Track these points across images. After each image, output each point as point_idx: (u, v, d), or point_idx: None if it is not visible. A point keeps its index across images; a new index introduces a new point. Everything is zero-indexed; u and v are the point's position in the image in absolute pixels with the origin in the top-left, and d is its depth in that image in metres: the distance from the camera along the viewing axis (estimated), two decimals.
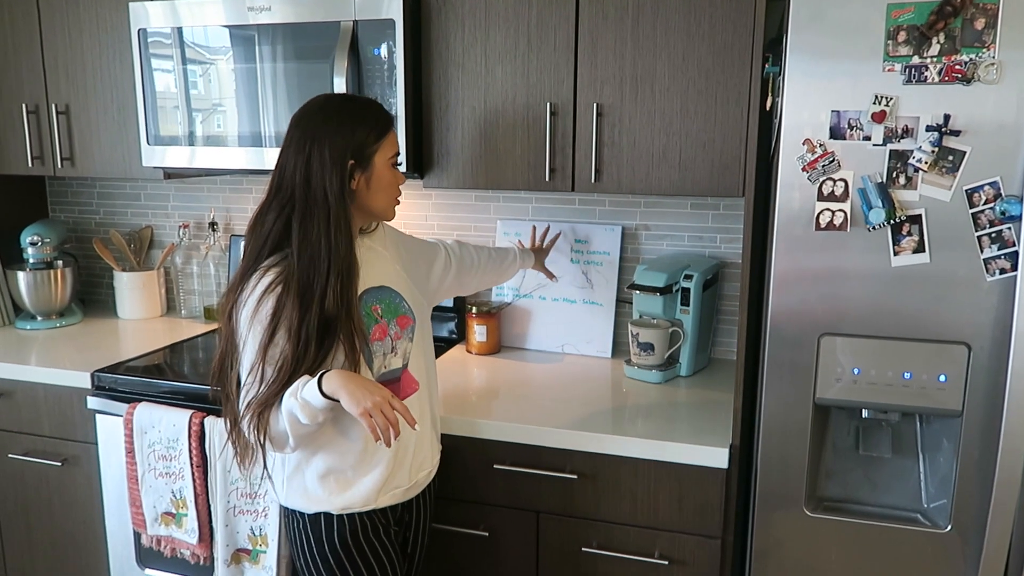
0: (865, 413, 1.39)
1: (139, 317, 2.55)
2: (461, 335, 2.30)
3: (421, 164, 1.96)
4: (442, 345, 2.27)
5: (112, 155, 2.23)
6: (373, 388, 1.29)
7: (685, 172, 1.77)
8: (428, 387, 1.55)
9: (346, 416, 1.37)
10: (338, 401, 1.27)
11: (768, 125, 1.60)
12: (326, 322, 1.31)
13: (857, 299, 1.32)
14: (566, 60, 1.81)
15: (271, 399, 1.30)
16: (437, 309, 2.27)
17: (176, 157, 2.09)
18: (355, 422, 1.38)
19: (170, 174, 2.23)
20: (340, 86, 1.84)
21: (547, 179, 1.86)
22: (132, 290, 2.55)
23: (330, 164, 1.33)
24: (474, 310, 2.18)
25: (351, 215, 1.37)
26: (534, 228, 2.14)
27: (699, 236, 2.12)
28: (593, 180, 1.83)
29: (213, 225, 2.50)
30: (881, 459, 1.43)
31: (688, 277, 1.95)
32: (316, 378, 1.28)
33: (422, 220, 2.34)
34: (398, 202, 1.48)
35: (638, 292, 1.94)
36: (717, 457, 1.56)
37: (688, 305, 1.96)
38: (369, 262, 1.47)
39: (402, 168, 1.46)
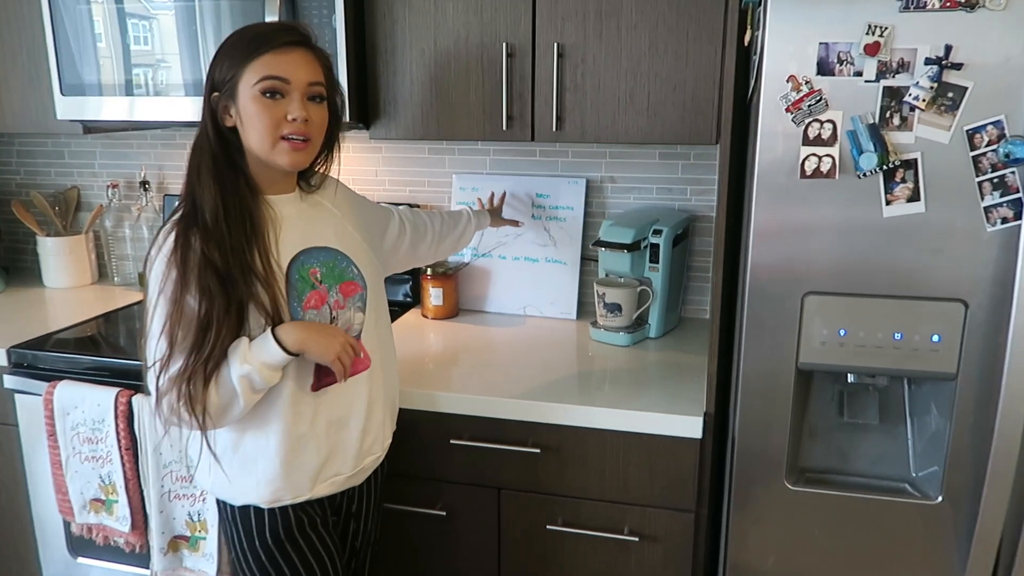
0: (851, 378, 1.28)
1: (67, 286, 2.35)
2: (416, 299, 2.15)
3: (366, 114, 1.79)
4: (396, 310, 2.12)
5: (24, 107, 2.01)
6: (333, 331, 1.25)
7: (654, 118, 1.63)
8: (382, 364, 1.40)
9: (277, 393, 1.25)
10: (299, 356, 1.21)
11: (746, 64, 1.46)
12: (232, 282, 1.18)
13: (845, 254, 1.20)
14: None
15: (198, 368, 1.16)
16: None
17: (97, 109, 1.87)
18: (283, 402, 1.25)
19: (91, 128, 2.02)
20: None
21: (504, 127, 1.70)
22: (58, 256, 2.35)
23: (205, 101, 1.22)
24: (429, 272, 2.02)
25: (236, 158, 1.23)
26: (480, 200, 2.00)
27: (668, 188, 1.99)
28: (554, 128, 1.67)
29: (145, 184, 2.30)
30: (867, 426, 1.32)
31: (657, 232, 1.81)
32: (270, 335, 1.18)
33: (371, 175, 2.17)
34: (289, 142, 1.21)
35: (604, 249, 1.81)
36: (690, 426, 1.45)
37: (657, 262, 1.83)
38: (312, 219, 1.32)
39: (284, 100, 1.20)
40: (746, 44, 1.34)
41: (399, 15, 1.71)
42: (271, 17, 1.65)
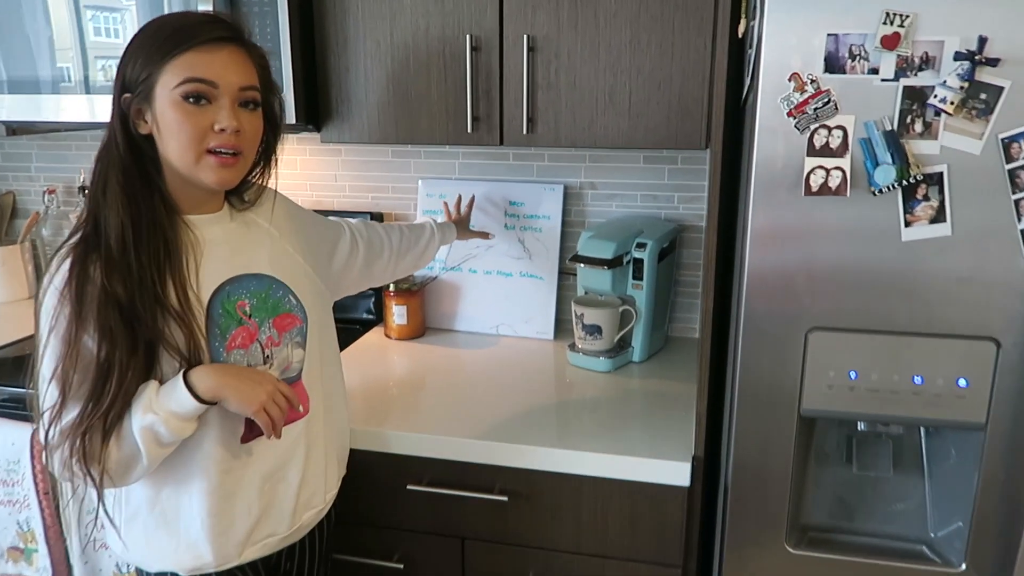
0: (862, 424, 1.11)
1: (0, 300, 2.16)
2: (379, 316, 1.97)
3: (316, 114, 1.60)
4: (357, 328, 1.94)
5: None
6: (259, 377, 1.06)
7: (636, 119, 1.45)
8: (327, 406, 1.22)
9: (197, 444, 1.07)
10: (215, 404, 1.03)
11: (740, 59, 1.28)
12: (139, 319, 1.00)
13: (856, 283, 1.02)
14: None
15: (95, 421, 0.98)
16: None
17: (22, 108, 1.68)
18: (207, 454, 1.07)
19: (17, 129, 1.83)
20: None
21: (469, 130, 1.51)
22: None
23: (114, 103, 1.03)
24: (392, 288, 1.84)
25: (150, 171, 1.04)
26: (446, 205, 1.79)
27: (653, 195, 1.81)
28: (525, 131, 1.49)
29: (84, 190, 2.10)
30: (879, 478, 1.15)
31: (641, 246, 1.63)
32: (180, 380, 1.00)
33: (330, 180, 1.98)
34: (216, 156, 1.02)
35: (583, 265, 1.62)
36: (677, 473, 1.27)
37: (641, 279, 1.65)
38: (242, 242, 1.14)
39: (211, 106, 1.02)
40: (740, 36, 1.16)
41: (351, 3, 1.52)
42: (205, 6, 1.46)
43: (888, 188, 0.97)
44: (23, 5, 1.60)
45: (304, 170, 1.99)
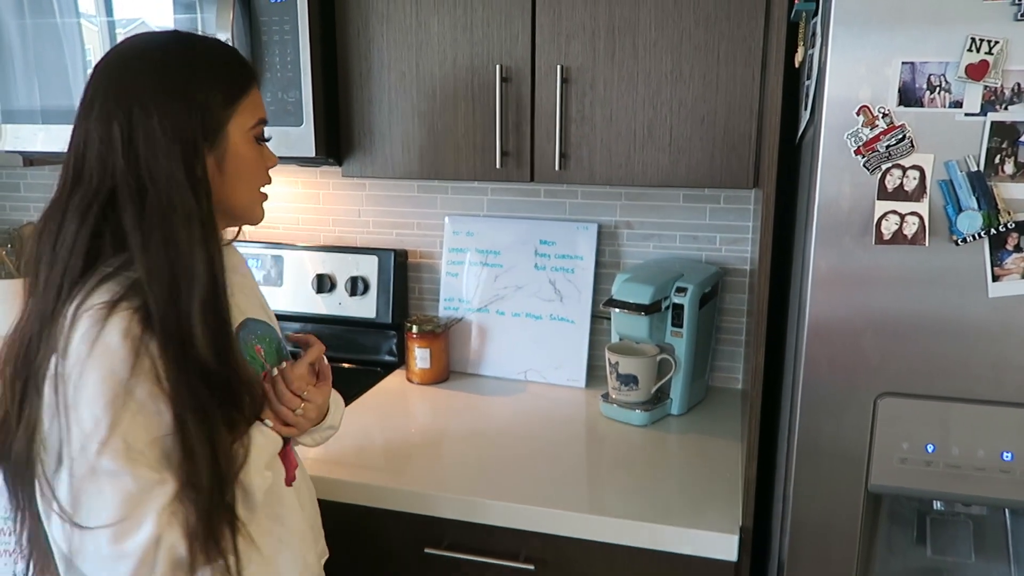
0: (938, 504, 0.97)
1: None
2: (401, 358, 1.87)
3: (337, 147, 1.52)
4: (379, 371, 1.84)
5: None
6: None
7: (678, 155, 1.34)
8: (302, 475, 1.12)
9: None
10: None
11: (792, 91, 1.17)
12: (205, 376, 0.87)
13: (935, 344, 0.90)
14: (521, 8, 1.37)
15: (213, 504, 0.86)
16: (374, 325, 1.84)
17: (38, 138, 1.63)
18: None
19: (34, 160, 1.77)
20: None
21: (498, 165, 1.42)
22: (9, 302, 2.08)
23: (166, 141, 0.87)
24: (414, 329, 1.74)
25: (211, 216, 0.91)
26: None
27: (694, 236, 1.69)
28: (557, 167, 1.39)
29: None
30: (958, 564, 1.01)
31: (681, 291, 1.51)
32: (264, 427, 0.95)
33: (354, 215, 1.90)
34: (265, 196, 1.01)
35: (618, 310, 1.51)
36: (723, 546, 1.15)
37: (681, 326, 1.53)
38: (234, 286, 1.01)
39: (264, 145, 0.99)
40: (796, 66, 1.05)
41: (375, 32, 1.45)
42: (223, 34, 1.39)
43: (973, 237, 0.85)
44: (62, 33, 1.55)
45: (326, 204, 1.91)
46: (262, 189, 1.00)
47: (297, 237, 1.94)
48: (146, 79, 0.89)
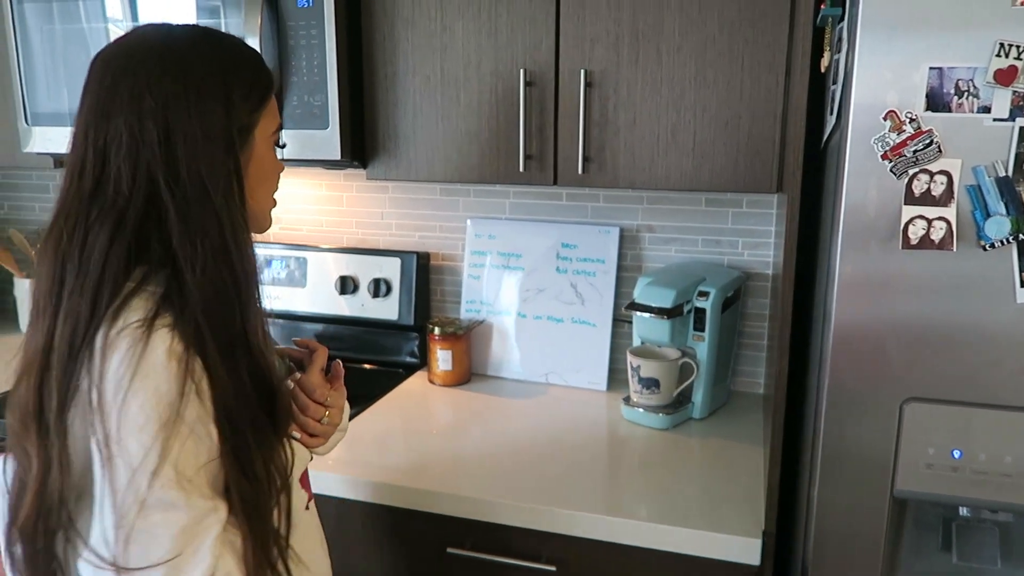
0: (964, 510, 0.97)
1: None
2: (423, 359, 1.88)
3: (362, 150, 1.54)
4: (400, 372, 1.85)
5: None
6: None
7: (701, 160, 1.35)
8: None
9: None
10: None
11: (817, 96, 1.17)
12: (257, 390, 0.84)
13: (962, 349, 0.89)
14: (545, 13, 1.38)
15: (265, 527, 0.83)
16: (396, 327, 1.86)
17: (66, 140, 1.66)
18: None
19: (63, 161, 1.80)
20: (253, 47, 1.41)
21: (521, 169, 1.43)
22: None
23: (206, 143, 0.82)
24: (436, 331, 1.75)
25: (247, 219, 0.87)
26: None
27: (716, 240, 1.69)
28: (581, 171, 1.40)
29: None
30: (984, 571, 1.00)
31: (703, 295, 1.52)
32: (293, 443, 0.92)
33: (377, 218, 1.92)
34: (275, 203, 0.98)
35: (640, 313, 1.51)
36: (745, 550, 1.15)
37: (703, 330, 1.53)
38: None
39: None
40: (822, 70, 1.05)
41: (400, 36, 1.46)
42: (251, 39, 1.41)
43: (1001, 242, 0.85)
44: (88, 38, 1.58)
45: (350, 207, 1.93)
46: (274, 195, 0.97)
47: (321, 239, 1.95)
48: (179, 75, 0.82)
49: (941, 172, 0.86)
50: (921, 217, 0.87)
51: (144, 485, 0.74)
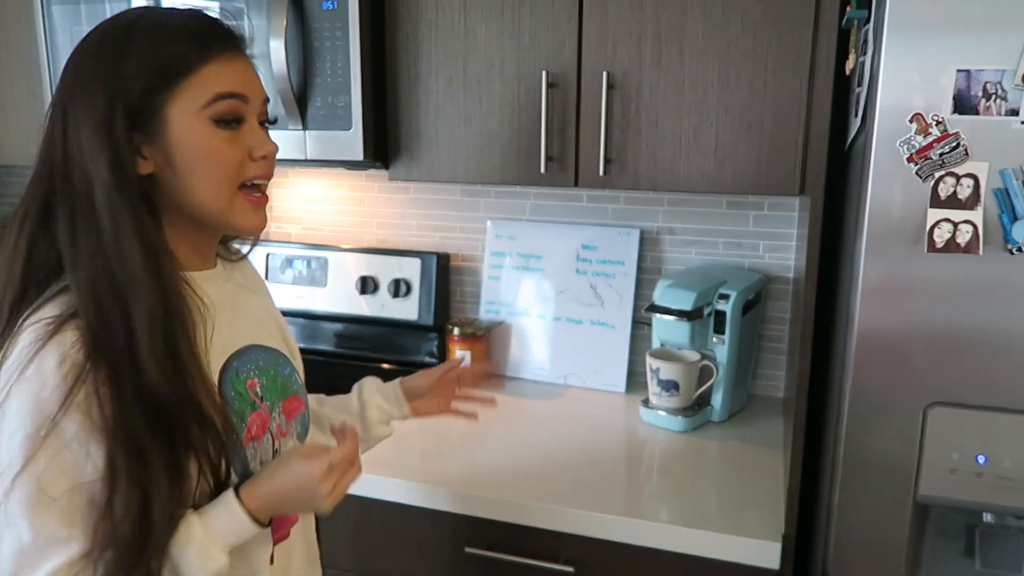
0: (988, 516, 0.96)
1: None
2: (442, 359, 1.88)
3: (385, 150, 1.55)
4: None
5: (22, 138, 1.84)
6: (306, 468, 0.80)
7: (723, 162, 1.34)
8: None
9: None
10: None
11: (841, 98, 1.16)
12: (149, 411, 0.74)
13: (987, 354, 0.89)
14: (568, 15, 1.38)
15: (133, 559, 0.72)
16: (415, 327, 1.86)
17: None
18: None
19: None
20: (278, 49, 1.43)
21: (543, 170, 1.43)
22: None
23: (88, 137, 0.75)
24: (456, 331, 1.76)
25: (151, 221, 0.77)
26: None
27: (737, 243, 1.69)
28: (602, 172, 1.40)
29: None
30: None
31: (724, 297, 1.51)
32: (234, 505, 0.78)
33: (398, 219, 1.93)
34: (251, 195, 0.83)
35: (660, 316, 1.51)
36: (764, 554, 1.14)
37: (723, 333, 1.52)
38: (240, 305, 0.92)
39: (240, 130, 0.82)
40: (847, 72, 1.05)
41: (424, 37, 1.47)
42: (275, 42, 1.43)
43: None
44: None
45: (371, 207, 1.94)
46: (254, 183, 0.83)
47: (342, 239, 1.97)
48: (80, 67, 0.78)
49: (968, 175, 0.85)
50: (947, 220, 0.86)
51: (1, 492, 0.70)
